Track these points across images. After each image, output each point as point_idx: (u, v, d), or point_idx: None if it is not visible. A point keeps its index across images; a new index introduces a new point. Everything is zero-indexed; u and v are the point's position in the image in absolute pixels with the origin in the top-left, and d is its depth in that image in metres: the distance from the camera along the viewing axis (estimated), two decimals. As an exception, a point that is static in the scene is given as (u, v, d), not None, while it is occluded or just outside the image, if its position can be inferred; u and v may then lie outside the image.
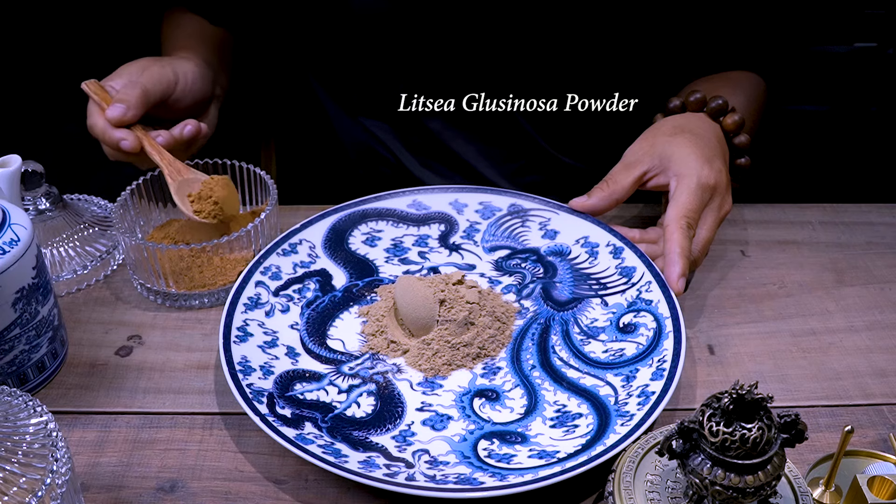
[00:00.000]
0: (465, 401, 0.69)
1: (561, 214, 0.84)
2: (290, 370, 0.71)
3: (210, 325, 0.78)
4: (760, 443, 0.48)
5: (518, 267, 0.82)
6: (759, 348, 0.74)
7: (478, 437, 0.66)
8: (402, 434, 0.67)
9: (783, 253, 0.86)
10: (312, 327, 0.76)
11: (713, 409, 0.50)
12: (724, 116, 0.87)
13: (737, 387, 0.49)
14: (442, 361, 0.72)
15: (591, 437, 0.64)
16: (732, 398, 0.49)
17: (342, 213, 0.84)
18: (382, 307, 0.77)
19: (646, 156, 0.82)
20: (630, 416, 0.64)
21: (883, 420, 0.66)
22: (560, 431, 0.65)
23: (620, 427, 0.63)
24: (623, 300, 0.76)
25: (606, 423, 0.65)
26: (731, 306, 0.80)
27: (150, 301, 0.80)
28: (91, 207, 0.87)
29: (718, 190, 0.80)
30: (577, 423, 0.66)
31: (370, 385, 0.71)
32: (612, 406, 0.66)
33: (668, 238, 0.76)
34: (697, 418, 0.50)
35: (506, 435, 0.66)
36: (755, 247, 0.87)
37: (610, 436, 0.63)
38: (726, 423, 0.49)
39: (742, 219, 0.91)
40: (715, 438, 0.49)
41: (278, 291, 0.77)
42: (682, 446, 0.51)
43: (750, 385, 0.49)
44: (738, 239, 0.88)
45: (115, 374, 0.73)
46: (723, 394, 0.50)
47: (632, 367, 0.69)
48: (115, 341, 0.76)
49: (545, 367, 0.72)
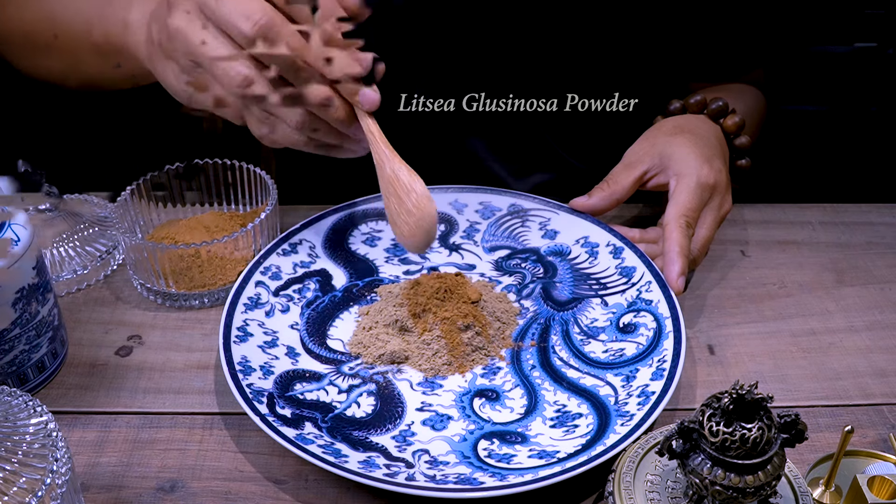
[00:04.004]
0: (465, 401, 0.69)
1: (561, 214, 0.84)
2: (290, 370, 0.71)
3: (210, 325, 0.78)
4: (760, 443, 0.49)
5: (518, 267, 0.82)
6: (759, 348, 0.74)
7: (478, 437, 0.66)
8: (402, 434, 0.67)
9: (783, 253, 0.86)
10: (312, 327, 0.76)
11: (713, 409, 0.50)
12: (725, 118, 0.87)
13: (737, 387, 0.49)
14: (442, 361, 0.72)
15: (591, 437, 0.64)
16: (732, 398, 0.49)
17: (342, 212, 0.84)
18: (379, 310, 0.77)
19: (646, 155, 0.82)
20: (630, 416, 0.64)
21: (883, 420, 0.66)
22: (560, 431, 0.66)
23: (620, 427, 0.63)
24: (623, 300, 0.76)
25: (606, 423, 0.65)
26: (731, 306, 0.80)
27: (150, 301, 0.80)
28: (91, 207, 0.86)
29: (718, 189, 0.80)
30: (577, 423, 0.66)
31: (370, 385, 0.71)
32: (612, 406, 0.66)
33: (668, 237, 0.76)
34: (697, 418, 0.50)
35: (506, 435, 0.66)
36: (755, 247, 0.87)
37: (610, 436, 0.63)
38: (726, 423, 0.49)
39: (742, 219, 0.91)
40: (715, 438, 0.49)
41: (278, 291, 0.77)
42: (682, 446, 0.51)
43: (750, 385, 0.49)
44: (739, 239, 0.88)
45: (115, 374, 0.73)
46: (723, 394, 0.50)
47: (632, 367, 0.69)
48: (115, 341, 0.76)
49: (545, 367, 0.72)
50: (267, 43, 0.55)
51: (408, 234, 0.68)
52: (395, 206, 0.68)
